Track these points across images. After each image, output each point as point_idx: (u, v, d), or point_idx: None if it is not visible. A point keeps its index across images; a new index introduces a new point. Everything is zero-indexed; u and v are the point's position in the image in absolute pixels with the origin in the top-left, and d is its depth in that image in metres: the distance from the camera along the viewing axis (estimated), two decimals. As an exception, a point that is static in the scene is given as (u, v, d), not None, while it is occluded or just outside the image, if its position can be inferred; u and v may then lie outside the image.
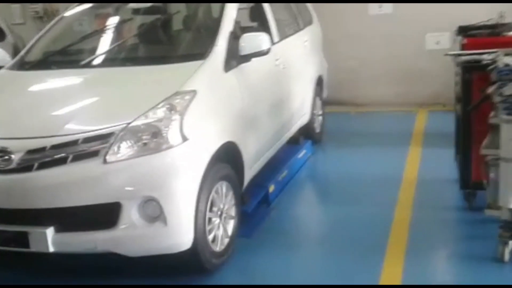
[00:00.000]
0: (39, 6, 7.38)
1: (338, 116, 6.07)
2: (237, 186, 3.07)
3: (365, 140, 5.24)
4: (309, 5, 5.21)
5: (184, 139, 2.55)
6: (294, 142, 4.58)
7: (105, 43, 3.58)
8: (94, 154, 2.44)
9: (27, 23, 7.51)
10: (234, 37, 3.25)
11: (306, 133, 4.83)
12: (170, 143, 2.50)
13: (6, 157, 2.45)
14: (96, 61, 3.32)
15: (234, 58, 3.16)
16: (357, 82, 6.56)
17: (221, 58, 3.07)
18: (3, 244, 2.53)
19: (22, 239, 2.47)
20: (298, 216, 3.70)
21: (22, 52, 3.56)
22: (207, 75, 2.94)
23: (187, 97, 2.67)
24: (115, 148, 2.44)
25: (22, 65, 3.38)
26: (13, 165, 2.44)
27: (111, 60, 3.37)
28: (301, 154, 4.58)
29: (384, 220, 3.34)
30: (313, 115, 4.87)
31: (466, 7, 5.62)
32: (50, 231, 2.45)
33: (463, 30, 3.98)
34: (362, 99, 6.55)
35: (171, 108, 2.58)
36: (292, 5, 4.75)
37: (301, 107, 4.53)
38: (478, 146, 2.77)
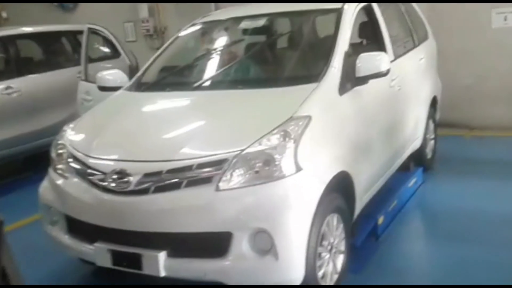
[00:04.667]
0: (150, 25, 7.85)
1: (450, 140, 5.52)
2: (348, 218, 2.87)
3: (482, 168, 4.69)
4: (424, 18, 4.84)
5: (298, 168, 2.41)
6: (404, 169, 4.21)
7: (216, 65, 3.60)
8: (207, 180, 2.38)
9: (138, 40, 8.02)
10: (348, 56, 3.07)
11: (417, 159, 4.44)
12: (283, 172, 2.38)
13: (125, 179, 2.47)
14: (208, 83, 3.32)
15: (350, 80, 2.97)
16: (473, 103, 5.96)
17: (336, 81, 2.90)
18: (117, 263, 2.57)
19: (136, 261, 2.48)
20: (409, 253, 3.37)
21: (139, 73, 3.67)
22: (321, 99, 2.79)
23: (301, 123, 2.54)
24: (228, 175, 2.37)
25: (139, 86, 3.47)
26: (131, 187, 2.46)
27: (223, 82, 3.34)
28: (411, 182, 4.22)
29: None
30: (425, 139, 4.49)
31: None
32: (162, 255, 2.43)
33: None
34: (478, 121, 5.95)
35: (286, 135, 2.46)
36: (407, 19, 4.43)
37: (414, 131, 4.19)
38: None
